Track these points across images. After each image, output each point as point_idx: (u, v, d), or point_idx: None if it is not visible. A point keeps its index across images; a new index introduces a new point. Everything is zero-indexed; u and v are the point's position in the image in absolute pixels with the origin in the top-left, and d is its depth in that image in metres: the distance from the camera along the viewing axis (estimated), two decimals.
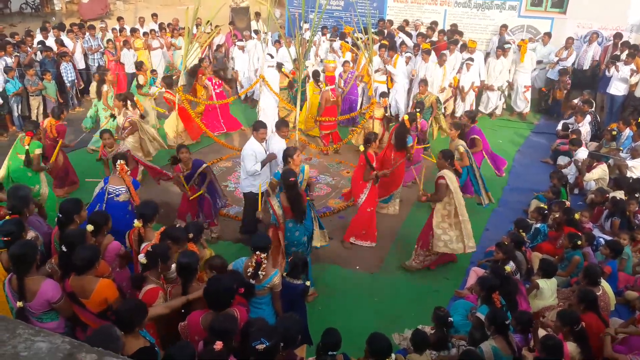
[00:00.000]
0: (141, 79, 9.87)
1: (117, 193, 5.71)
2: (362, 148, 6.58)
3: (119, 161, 5.75)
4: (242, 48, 12.16)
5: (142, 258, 4.03)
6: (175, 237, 4.37)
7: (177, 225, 5.14)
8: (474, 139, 7.72)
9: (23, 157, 6.50)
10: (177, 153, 6.35)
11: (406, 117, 7.46)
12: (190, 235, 4.60)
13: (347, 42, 11.80)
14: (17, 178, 6.58)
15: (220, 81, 10.60)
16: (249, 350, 3.23)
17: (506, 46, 11.24)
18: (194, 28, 9.34)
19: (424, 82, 9.65)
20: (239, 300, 3.98)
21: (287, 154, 5.67)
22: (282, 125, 6.69)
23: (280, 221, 5.34)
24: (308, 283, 4.57)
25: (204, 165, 6.44)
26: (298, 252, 5.17)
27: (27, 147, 6.47)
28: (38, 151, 6.58)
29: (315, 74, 10.00)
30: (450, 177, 5.92)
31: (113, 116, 8.28)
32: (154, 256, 4.01)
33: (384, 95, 9.69)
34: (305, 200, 5.47)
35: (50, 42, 11.46)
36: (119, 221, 5.11)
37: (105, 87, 9.28)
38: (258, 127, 6.30)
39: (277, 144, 6.51)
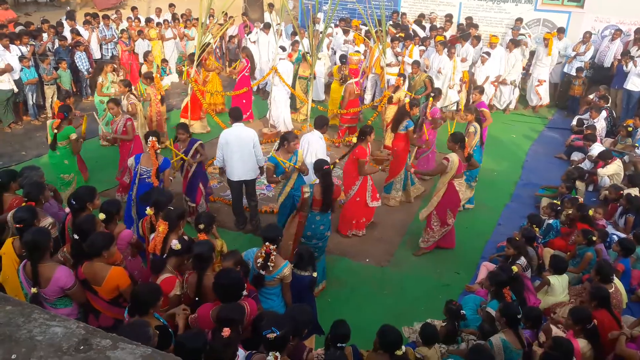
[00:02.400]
0: (144, 68, 9.95)
1: (148, 175, 5.70)
2: (354, 140, 6.51)
3: (150, 137, 5.69)
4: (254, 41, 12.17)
5: (175, 244, 4.02)
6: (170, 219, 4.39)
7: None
8: (482, 111, 7.58)
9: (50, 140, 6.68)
10: (176, 132, 6.56)
11: (407, 100, 7.45)
12: (202, 226, 4.61)
13: (361, 34, 11.75)
14: (55, 165, 6.81)
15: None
16: (260, 341, 3.25)
17: (519, 37, 11.14)
18: (207, 19, 9.35)
19: (416, 63, 9.82)
20: (249, 288, 4.00)
21: (285, 138, 5.76)
22: (322, 122, 6.73)
23: (304, 211, 5.34)
24: (315, 274, 4.57)
25: (198, 142, 6.51)
26: (304, 244, 5.18)
27: (55, 131, 6.60)
28: (73, 136, 6.69)
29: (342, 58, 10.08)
30: (453, 161, 5.93)
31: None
32: (187, 245, 4.03)
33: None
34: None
35: (65, 31, 11.54)
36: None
37: (100, 79, 9.33)
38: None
39: (319, 141, 6.60)
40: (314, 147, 6.60)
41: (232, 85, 11.01)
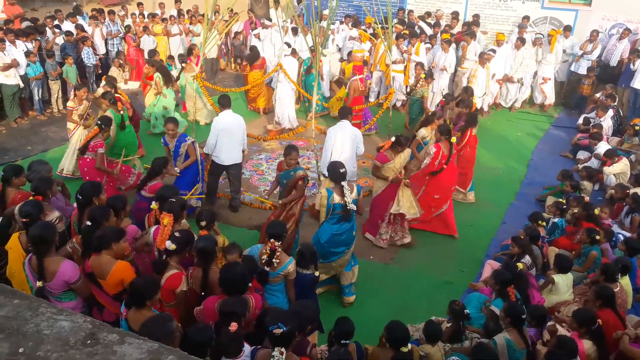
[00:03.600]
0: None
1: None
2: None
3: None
4: (257, 36, 12.14)
5: (170, 245, 3.97)
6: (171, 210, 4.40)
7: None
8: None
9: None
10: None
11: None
12: (203, 224, 4.61)
13: (366, 31, 11.72)
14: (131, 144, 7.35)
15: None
16: (264, 336, 3.26)
17: (533, 36, 11.09)
18: (213, 15, 9.33)
19: (420, 64, 9.75)
20: (255, 285, 4.01)
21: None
22: (347, 111, 6.89)
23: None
24: (317, 274, 4.57)
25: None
26: (307, 243, 5.15)
27: (121, 112, 6.94)
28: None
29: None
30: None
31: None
32: (182, 242, 4.02)
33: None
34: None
35: (70, 26, 11.56)
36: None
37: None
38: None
39: (346, 131, 6.61)
40: (340, 138, 6.55)
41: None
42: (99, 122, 6.55)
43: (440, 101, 8.60)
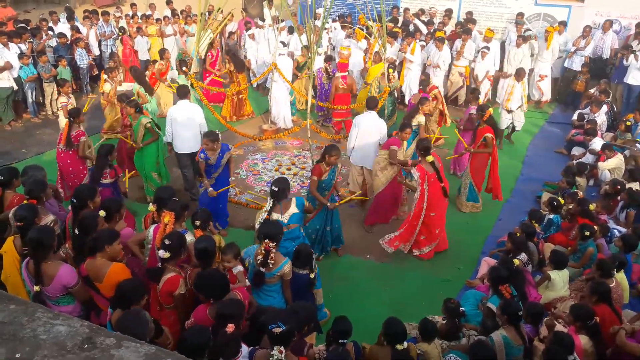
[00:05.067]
0: (157, 66, 9.88)
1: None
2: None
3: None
4: (252, 36, 12.12)
5: (162, 254, 3.91)
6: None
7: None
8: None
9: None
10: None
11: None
12: (198, 223, 4.60)
13: (362, 30, 11.73)
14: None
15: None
16: (259, 335, 3.26)
17: (526, 33, 11.11)
18: (206, 13, 9.31)
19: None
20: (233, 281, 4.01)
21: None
22: (374, 102, 7.11)
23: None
24: (312, 276, 4.55)
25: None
26: (305, 242, 5.16)
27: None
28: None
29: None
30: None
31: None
32: (174, 248, 3.98)
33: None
34: None
35: (64, 28, 11.51)
36: None
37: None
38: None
39: (371, 122, 6.84)
40: (364, 128, 6.79)
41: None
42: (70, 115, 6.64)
43: (419, 90, 8.65)
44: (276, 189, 4.95)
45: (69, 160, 6.61)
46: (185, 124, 6.87)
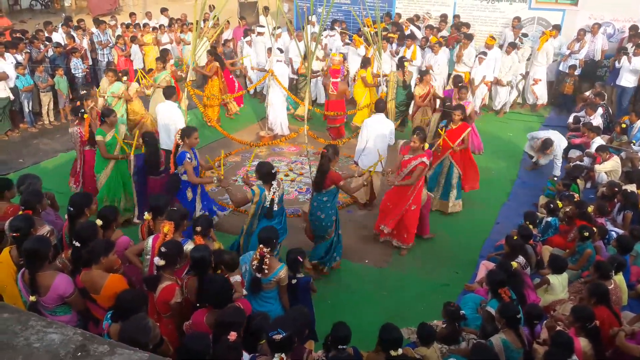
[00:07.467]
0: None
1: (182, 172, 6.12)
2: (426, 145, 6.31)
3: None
4: (249, 43, 12.16)
5: (158, 261, 3.90)
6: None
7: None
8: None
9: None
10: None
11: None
12: (198, 229, 4.59)
13: (360, 36, 11.76)
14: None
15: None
16: (255, 342, 3.24)
17: (520, 43, 11.18)
18: (202, 22, 9.33)
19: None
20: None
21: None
22: (383, 105, 7.39)
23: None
24: (294, 282, 4.48)
25: None
26: (297, 247, 5.13)
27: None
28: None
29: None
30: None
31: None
32: (170, 256, 3.96)
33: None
34: None
35: (58, 37, 11.52)
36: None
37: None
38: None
39: (379, 124, 7.07)
40: (374, 130, 7.01)
41: None
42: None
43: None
44: (274, 171, 5.29)
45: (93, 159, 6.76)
46: (162, 123, 7.48)
